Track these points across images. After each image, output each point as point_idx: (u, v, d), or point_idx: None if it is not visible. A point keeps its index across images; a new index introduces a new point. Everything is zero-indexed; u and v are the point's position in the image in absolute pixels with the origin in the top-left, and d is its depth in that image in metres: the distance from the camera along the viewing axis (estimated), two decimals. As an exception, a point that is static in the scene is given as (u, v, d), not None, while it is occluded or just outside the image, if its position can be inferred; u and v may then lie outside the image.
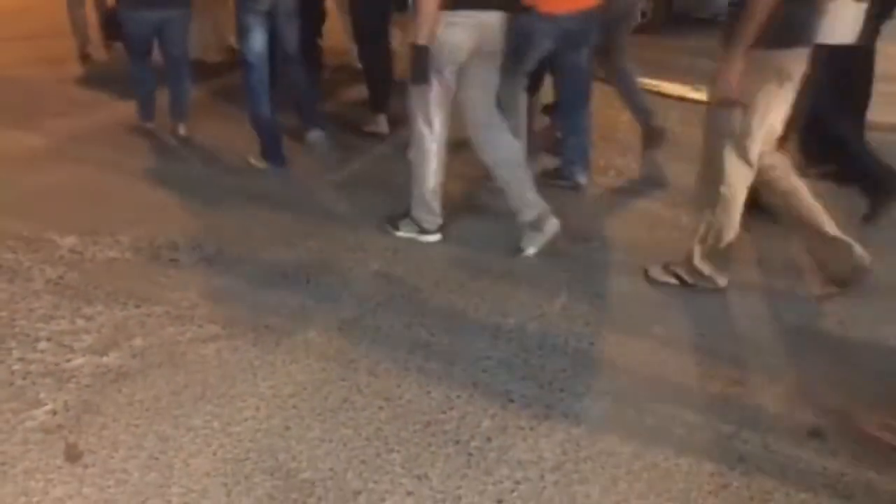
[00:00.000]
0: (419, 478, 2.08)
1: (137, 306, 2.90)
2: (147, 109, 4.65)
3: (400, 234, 3.45)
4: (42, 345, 2.66)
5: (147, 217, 3.64)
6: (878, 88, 5.44)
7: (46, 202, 3.77)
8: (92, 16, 6.35)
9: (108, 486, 2.05)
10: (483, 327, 2.79)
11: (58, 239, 3.39)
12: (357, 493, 2.04)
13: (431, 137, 3.24)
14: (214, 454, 2.17)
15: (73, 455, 2.16)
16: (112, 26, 5.35)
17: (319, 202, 3.86)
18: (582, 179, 4.01)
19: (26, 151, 4.38)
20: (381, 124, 4.77)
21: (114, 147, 4.54)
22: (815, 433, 2.25)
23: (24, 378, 2.49)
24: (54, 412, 2.33)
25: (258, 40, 3.88)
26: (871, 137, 4.37)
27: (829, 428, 2.27)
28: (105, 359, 2.59)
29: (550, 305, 2.94)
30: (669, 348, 2.67)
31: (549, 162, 4.23)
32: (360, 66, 5.11)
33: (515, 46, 3.43)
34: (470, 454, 2.17)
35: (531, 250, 3.28)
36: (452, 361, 2.58)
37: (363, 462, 2.14)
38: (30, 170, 4.14)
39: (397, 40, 5.11)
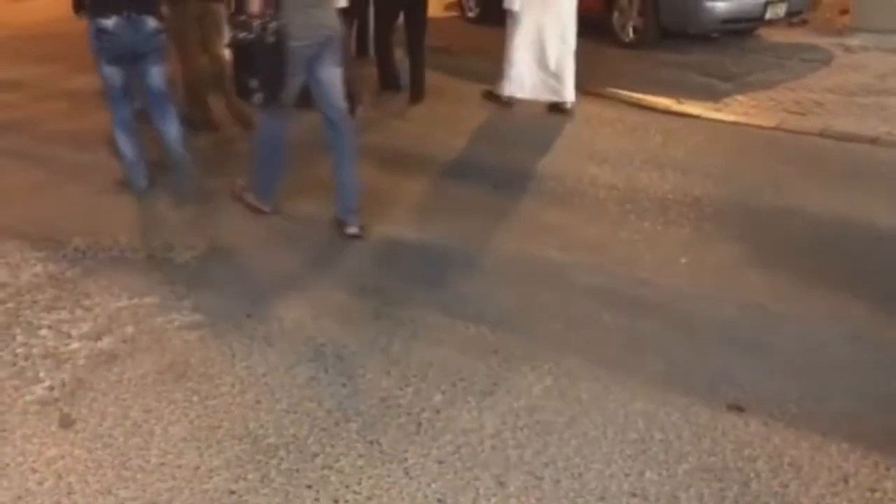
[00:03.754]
0: (371, 443, 2.33)
1: (131, 298, 3.18)
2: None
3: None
4: (43, 331, 2.94)
5: (144, 221, 3.94)
6: (856, 101, 5.72)
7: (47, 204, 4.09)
8: None
9: (96, 449, 2.32)
10: (448, 316, 3.03)
11: (62, 239, 3.69)
12: (315, 455, 2.29)
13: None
14: (191, 423, 2.43)
15: (66, 423, 2.43)
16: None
17: (301, 203, 4.13)
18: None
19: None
20: None
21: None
22: (735, 407, 2.47)
23: (25, 360, 2.77)
24: (52, 388, 2.61)
25: None
26: (852, 149, 4.63)
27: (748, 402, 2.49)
28: (99, 343, 2.86)
29: (506, 291, 3.19)
30: (618, 333, 2.90)
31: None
32: None
33: None
34: (419, 423, 2.42)
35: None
36: (413, 346, 2.83)
37: (323, 430, 2.39)
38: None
39: None
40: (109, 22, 3.71)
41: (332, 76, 3.54)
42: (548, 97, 5.69)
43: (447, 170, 4.62)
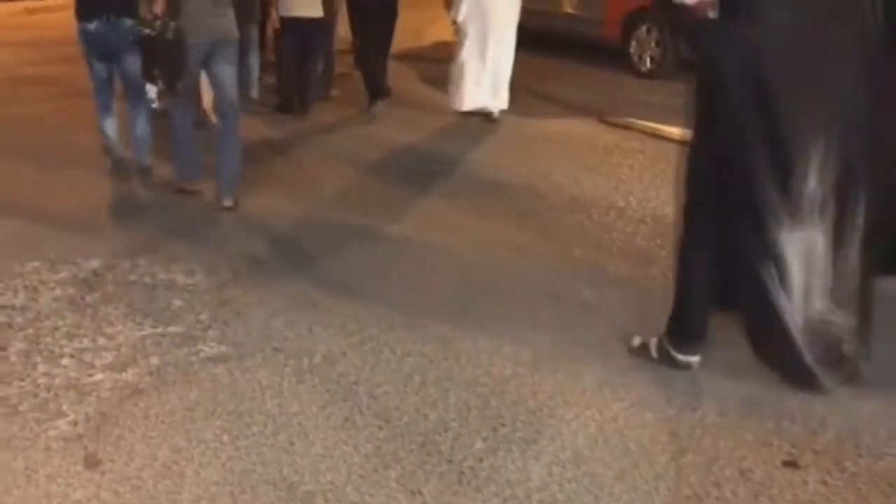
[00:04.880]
0: (413, 493, 2.23)
1: (154, 327, 3.08)
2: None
3: None
4: (65, 361, 2.84)
5: (164, 244, 3.85)
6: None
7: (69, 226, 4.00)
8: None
9: (124, 492, 2.21)
10: (478, 352, 2.94)
11: (82, 262, 3.59)
12: (354, 504, 2.19)
13: None
14: (223, 465, 2.32)
15: (91, 462, 2.32)
16: None
17: (330, 228, 4.05)
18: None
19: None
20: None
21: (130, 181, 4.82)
22: (790, 463, 2.38)
23: (48, 391, 2.66)
24: (75, 423, 2.50)
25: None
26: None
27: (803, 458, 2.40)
28: (123, 375, 2.76)
29: (541, 334, 3.09)
30: (655, 378, 2.80)
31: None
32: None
33: None
34: (462, 473, 2.31)
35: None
36: (448, 387, 2.73)
37: (361, 477, 2.29)
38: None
39: None
40: (92, 25, 4.31)
41: (226, 74, 4.19)
42: (483, 105, 6.06)
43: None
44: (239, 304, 3.29)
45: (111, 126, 4.72)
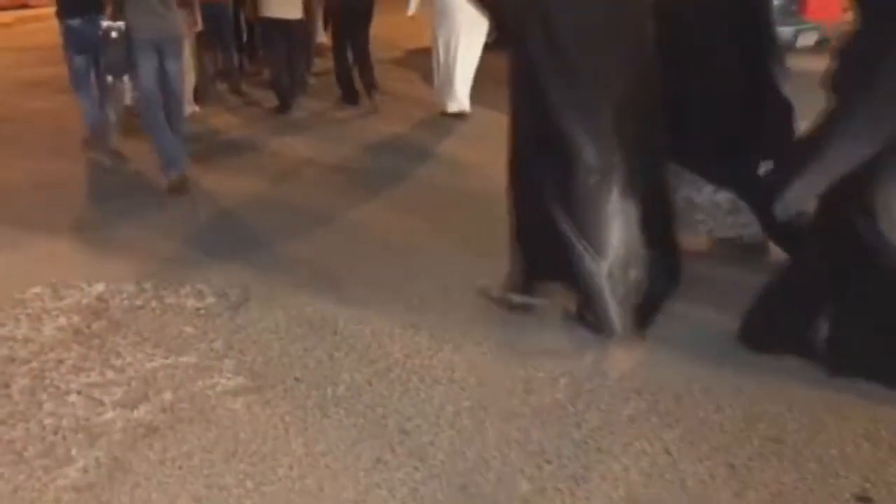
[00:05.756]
0: (457, 543, 2.05)
1: (165, 357, 2.90)
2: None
3: None
4: (72, 398, 2.66)
5: (170, 263, 3.67)
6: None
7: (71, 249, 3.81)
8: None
9: (143, 551, 2.03)
10: (512, 379, 2.76)
11: (85, 286, 3.41)
12: (395, 559, 2.01)
13: None
14: (248, 516, 2.14)
15: (106, 516, 2.14)
16: None
17: (343, 244, 3.86)
18: None
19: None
20: None
21: (132, 193, 4.64)
22: (864, 499, 2.20)
23: (55, 433, 2.48)
24: (86, 470, 2.32)
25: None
26: None
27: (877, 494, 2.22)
28: (135, 413, 2.58)
29: (581, 357, 2.91)
30: (704, 403, 2.63)
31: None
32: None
33: None
34: (508, 518, 2.13)
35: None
36: (484, 418, 2.54)
37: (400, 525, 2.11)
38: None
39: None
40: (74, 22, 4.65)
41: (171, 66, 4.58)
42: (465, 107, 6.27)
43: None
44: (254, 329, 3.11)
45: (92, 113, 5.01)
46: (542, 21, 2.77)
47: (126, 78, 4.86)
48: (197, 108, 6.36)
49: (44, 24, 9.07)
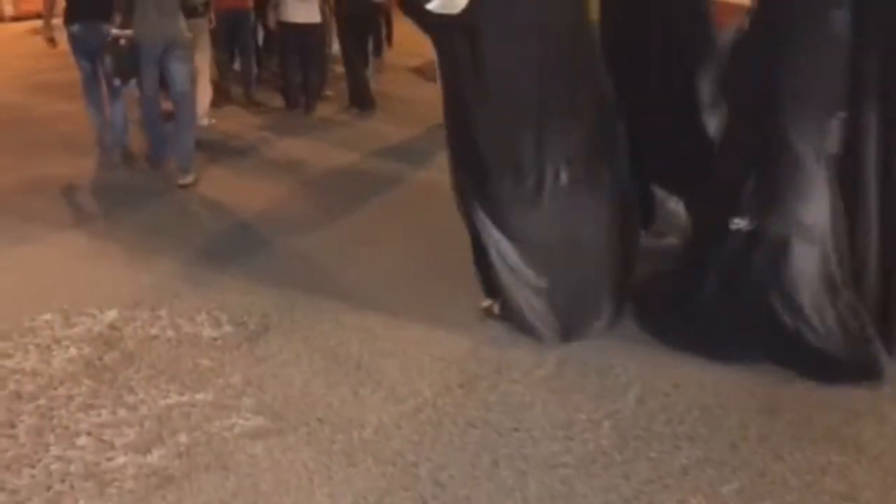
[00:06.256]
0: None
1: (181, 394, 2.72)
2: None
3: None
4: (82, 440, 2.48)
5: (185, 286, 3.50)
6: None
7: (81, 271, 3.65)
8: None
9: None
10: (552, 424, 2.57)
11: (97, 313, 3.24)
12: None
13: None
14: (271, 582, 1.96)
15: (115, 581, 1.96)
16: None
17: (365, 268, 3.69)
18: None
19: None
20: None
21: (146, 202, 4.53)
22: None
23: (62, 481, 2.30)
24: (95, 525, 2.14)
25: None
26: None
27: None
28: (148, 458, 2.40)
29: (624, 399, 2.71)
30: (759, 452, 2.42)
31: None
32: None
33: None
34: (556, 588, 1.94)
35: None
36: (525, 469, 2.35)
37: None
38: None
39: None
40: (74, 28, 4.87)
41: (176, 69, 4.76)
42: None
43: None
44: (274, 362, 2.93)
45: (98, 119, 5.20)
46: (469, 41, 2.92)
47: (133, 82, 4.94)
48: (213, 121, 6.23)
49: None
